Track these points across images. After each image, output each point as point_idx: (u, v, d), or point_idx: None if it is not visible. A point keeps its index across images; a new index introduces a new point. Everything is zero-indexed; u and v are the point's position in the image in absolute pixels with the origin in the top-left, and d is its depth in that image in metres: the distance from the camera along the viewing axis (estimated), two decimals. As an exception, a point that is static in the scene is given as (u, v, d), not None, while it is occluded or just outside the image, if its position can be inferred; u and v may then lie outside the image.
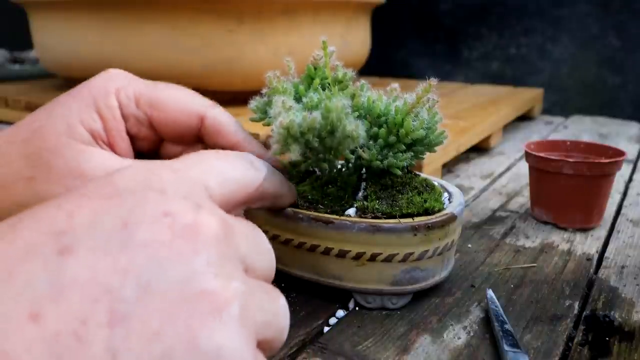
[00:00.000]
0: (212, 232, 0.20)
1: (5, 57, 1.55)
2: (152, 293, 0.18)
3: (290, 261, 0.40)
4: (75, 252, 0.17)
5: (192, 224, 0.20)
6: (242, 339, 0.19)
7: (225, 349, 0.18)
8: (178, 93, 0.36)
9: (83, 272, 0.17)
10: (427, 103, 0.37)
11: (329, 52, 0.40)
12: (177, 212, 0.20)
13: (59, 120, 0.32)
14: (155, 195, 0.20)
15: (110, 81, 0.35)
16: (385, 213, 0.37)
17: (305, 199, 0.39)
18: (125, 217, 0.19)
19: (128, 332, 0.17)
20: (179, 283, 0.18)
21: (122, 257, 0.18)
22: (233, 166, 0.27)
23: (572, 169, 0.52)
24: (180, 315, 0.18)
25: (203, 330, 0.18)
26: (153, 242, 0.18)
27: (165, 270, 0.18)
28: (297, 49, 0.87)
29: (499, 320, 0.36)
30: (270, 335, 0.21)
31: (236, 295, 0.19)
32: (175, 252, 0.19)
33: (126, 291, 0.17)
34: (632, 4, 1.15)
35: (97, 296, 0.17)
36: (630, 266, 0.47)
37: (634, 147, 0.91)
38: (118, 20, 0.88)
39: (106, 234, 0.18)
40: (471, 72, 1.36)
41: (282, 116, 0.34)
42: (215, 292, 0.18)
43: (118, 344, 0.16)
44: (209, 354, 0.18)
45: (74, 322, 0.16)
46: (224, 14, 0.82)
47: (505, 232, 0.54)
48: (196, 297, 0.18)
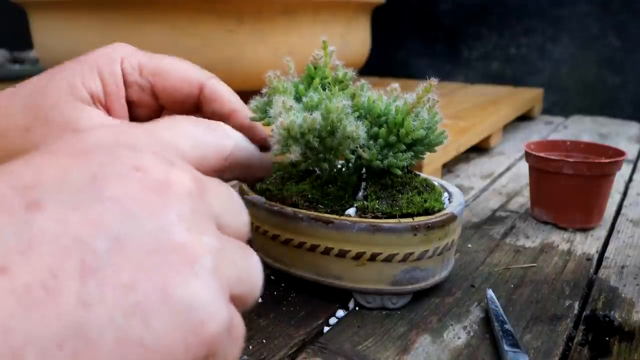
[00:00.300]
0: (183, 187, 0.20)
1: (5, 57, 1.55)
2: (123, 246, 0.17)
3: (290, 261, 0.40)
4: (43, 207, 0.17)
5: (163, 179, 0.19)
6: (214, 290, 0.19)
7: (198, 299, 0.18)
8: (180, 63, 0.38)
9: (52, 225, 0.17)
10: (428, 103, 0.37)
11: (329, 51, 0.40)
12: (148, 167, 0.19)
13: (62, 80, 0.34)
14: (126, 151, 0.20)
15: (115, 51, 0.37)
16: (385, 213, 0.37)
17: (305, 198, 0.39)
18: (95, 172, 0.19)
19: (100, 284, 0.16)
20: (150, 236, 0.18)
21: (92, 211, 0.17)
22: (205, 131, 0.27)
23: (572, 169, 0.52)
24: (153, 267, 0.17)
25: (176, 281, 0.18)
26: (123, 197, 0.18)
27: (136, 224, 0.18)
28: (297, 49, 0.87)
29: (499, 320, 0.36)
30: (243, 290, 0.21)
31: (208, 249, 0.19)
32: (146, 207, 0.18)
33: (97, 244, 0.17)
34: (632, 4, 1.15)
35: (68, 249, 0.16)
36: (630, 266, 0.47)
37: (634, 147, 0.91)
38: (118, 20, 0.88)
39: (75, 189, 0.18)
40: (471, 72, 1.36)
41: (282, 117, 0.34)
42: (187, 245, 0.18)
43: (90, 295, 0.16)
44: (182, 304, 0.18)
45: (43, 275, 0.16)
46: (224, 14, 0.82)
47: (505, 232, 0.54)
48: (168, 250, 0.18)
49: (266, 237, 0.40)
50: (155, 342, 0.17)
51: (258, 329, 0.37)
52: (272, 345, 0.35)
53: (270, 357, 0.33)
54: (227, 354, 0.20)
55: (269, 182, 0.42)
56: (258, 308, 0.39)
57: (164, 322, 0.17)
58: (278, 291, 0.42)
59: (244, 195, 0.42)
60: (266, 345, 0.35)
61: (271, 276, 0.44)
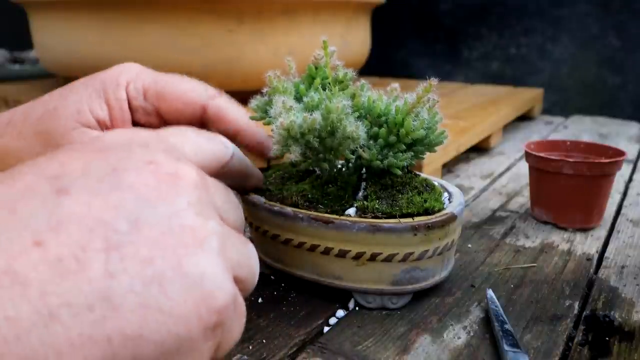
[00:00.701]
0: (191, 179, 0.22)
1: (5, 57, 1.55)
2: (141, 226, 0.20)
3: (290, 261, 0.40)
4: (70, 192, 0.20)
5: (173, 171, 0.22)
6: (222, 267, 0.21)
7: (208, 273, 0.20)
8: (183, 85, 0.38)
9: (78, 208, 0.19)
10: (428, 103, 0.37)
11: (330, 52, 0.40)
12: (160, 161, 0.22)
13: (71, 105, 0.36)
14: (140, 148, 0.23)
15: (122, 74, 0.37)
16: (385, 213, 0.37)
17: (305, 198, 0.39)
18: (113, 165, 0.21)
19: (122, 257, 0.19)
20: (164, 219, 0.20)
21: (113, 197, 0.20)
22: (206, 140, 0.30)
23: (572, 169, 0.52)
24: (167, 244, 0.20)
25: (188, 257, 0.20)
26: (140, 185, 0.21)
27: (151, 208, 0.20)
28: (297, 49, 0.87)
29: (499, 320, 0.36)
30: (243, 274, 0.23)
31: (214, 232, 0.22)
32: (160, 194, 0.21)
33: (118, 224, 0.19)
34: (632, 4, 1.15)
35: (93, 227, 0.19)
36: (630, 266, 0.47)
37: (634, 147, 0.91)
38: (118, 20, 0.88)
39: (97, 178, 0.20)
40: (471, 72, 1.36)
41: (282, 117, 0.34)
42: (196, 227, 0.21)
43: (115, 266, 0.18)
44: (194, 276, 0.20)
45: (73, 248, 0.18)
46: (224, 14, 0.82)
47: (505, 232, 0.54)
48: (180, 231, 0.20)
49: (266, 237, 0.40)
50: (171, 308, 0.19)
51: (258, 329, 0.37)
52: (272, 345, 0.35)
53: (270, 357, 0.33)
54: (233, 327, 0.22)
55: (269, 182, 0.42)
56: (258, 308, 0.39)
57: (179, 291, 0.19)
58: (278, 291, 0.42)
59: (244, 195, 0.42)
60: (266, 345, 0.35)
61: (271, 276, 0.44)
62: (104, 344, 0.18)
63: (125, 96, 0.37)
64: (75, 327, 0.17)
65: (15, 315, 0.17)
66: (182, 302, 0.20)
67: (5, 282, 0.17)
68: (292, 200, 0.39)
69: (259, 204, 0.40)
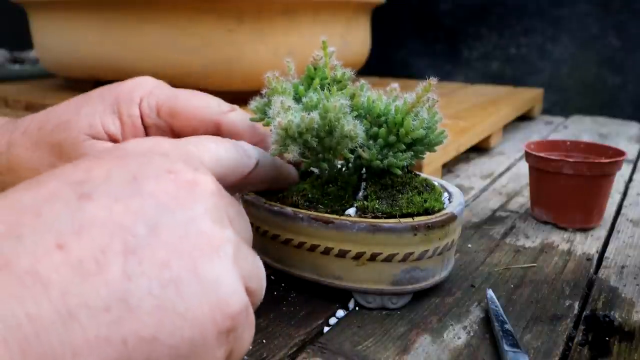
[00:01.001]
0: (208, 187, 0.23)
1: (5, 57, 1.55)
2: (159, 231, 0.20)
3: (290, 261, 0.40)
4: (92, 198, 0.20)
5: (191, 179, 0.23)
6: (236, 275, 0.22)
7: (223, 279, 0.21)
8: (196, 101, 0.38)
9: (100, 213, 0.20)
10: (427, 102, 0.37)
11: (329, 52, 0.40)
12: (179, 170, 0.23)
13: (83, 118, 0.36)
14: (160, 157, 0.24)
15: (136, 90, 0.37)
16: (385, 213, 0.37)
17: (305, 198, 0.39)
18: (134, 172, 0.22)
19: (140, 261, 0.19)
20: (182, 224, 0.21)
21: (133, 203, 0.21)
22: (226, 150, 0.30)
23: (572, 169, 0.52)
24: (184, 249, 0.21)
25: (204, 261, 0.21)
26: (159, 192, 0.22)
27: (170, 214, 0.21)
28: (297, 49, 0.87)
29: (499, 320, 0.36)
30: (254, 285, 0.24)
31: (229, 240, 0.22)
32: (178, 201, 0.22)
33: (137, 228, 0.20)
34: (632, 4, 1.15)
35: (113, 231, 0.20)
36: (630, 266, 0.47)
37: (634, 147, 0.91)
38: (118, 21, 0.88)
39: (119, 185, 0.21)
40: (471, 72, 1.36)
41: (280, 116, 0.34)
42: (212, 234, 0.22)
43: (133, 269, 0.19)
44: (210, 281, 0.21)
45: (94, 251, 0.19)
46: (224, 14, 0.82)
47: (505, 232, 0.54)
48: (197, 236, 0.21)
49: (266, 237, 0.40)
50: (187, 311, 0.20)
51: (258, 329, 0.37)
52: (272, 345, 0.35)
53: (270, 357, 0.33)
54: (245, 335, 0.23)
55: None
56: (258, 308, 0.39)
57: (195, 295, 0.20)
58: (278, 291, 0.42)
59: (244, 195, 0.42)
60: (266, 345, 0.35)
61: (271, 276, 0.44)
62: (119, 346, 0.18)
63: (138, 113, 0.37)
64: (92, 327, 0.18)
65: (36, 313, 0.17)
66: (197, 306, 0.20)
67: (28, 282, 0.17)
68: (292, 200, 0.39)
69: (259, 204, 0.40)
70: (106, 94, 0.37)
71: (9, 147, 0.37)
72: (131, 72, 0.38)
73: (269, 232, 0.40)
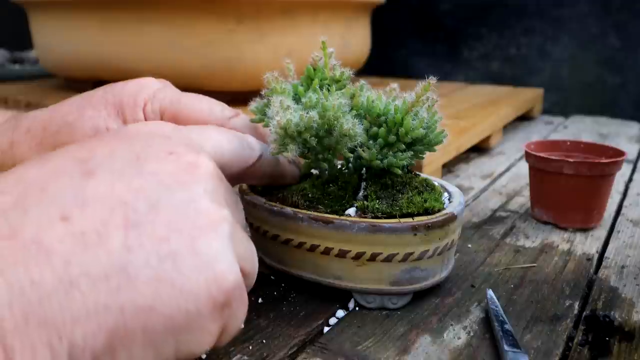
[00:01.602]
0: (209, 169, 0.24)
1: (5, 57, 1.55)
2: (159, 208, 0.21)
3: (290, 261, 0.40)
4: (96, 175, 0.21)
5: (192, 161, 0.24)
6: (232, 252, 0.22)
7: (220, 254, 0.22)
8: (200, 105, 0.38)
9: (103, 189, 0.21)
10: (427, 102, 0.37)
11: (328, 52, 0.40)
12: (180, 152, 0.24)
13: (87, 120, 0.36)
14: (162, 139, 0.25)
15: (140, 93, 0.37)
16: (385, 213, 0.37)
17: (305, 198, 0.39)
18: (137, 152, 0.23)
19: (140, 234, 0.20)
20: (181, 203, 0.22)
21: (135, 181, 0.22)
22: (229, 141, 0.31)
23: (572, 169, 0.52)
24: (183, 226, 0.21)
25: (202, 237, 0.22)
26: (160, 172, 0.22)
27: (170, 193, 0.22)
28: (296, 49, 0.87)
29: (499, 320, 0.36)
30: (247, 267, 0.25)
31: (226, 219, 0.23)
32: (179, 181, 0.23)
33: (138, 205, 0.21)
34: (632, 4, 1.15)
35: (115, 206, 0.21)
36: (630, 266, 0.47)
37: (634, 147, 0.91)
38: (118, 21, 0.88)
39: (122, 164, 0.22)
40: (471, 72, 1.36)
41: (279, 116, 0.34)
42: (211, 212, 0.22)
43: (132, 242, 0.20)
44: (207, 256, 0.21)
45: (96, 223, 0.20)
46: (224, 14, 0.82)
47: (505, 232, 0.54)
48: (195, 215, 0.22)
49: (266, 237, 0.40)
50: (183, 284, 0.20)
51: (258, 329, 0.37)
52: (272, 345, 0.35)
53: (270, 357, 0.33)
54: (238, 312, 0.23)
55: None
56: (258, 308, 0.39)
57: (192, 269, 0.21)
58: (278, 291, 0.42)
59: (244, 195, 0.42)
60: (266, 345, 0.35)
61: (271, 276, 0.44)
62: (116, 313, 0.19)
63: (142, 117, 0.37)
64: (91, 295, 0.19)
65: (39, 280, 0.18)
66: (194, 279, 0.21)
67: (33, 251, 0.18)
68: (292, 200, 0.39)
69: (259, 204, 0.40)
70: (110, 96, 0.37)
71: (12, 147, 0.37)
72: (131, 72, 0.38)
73: (269, 232, 0.40)
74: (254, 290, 0.41)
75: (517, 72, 1.31)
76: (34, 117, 0.38)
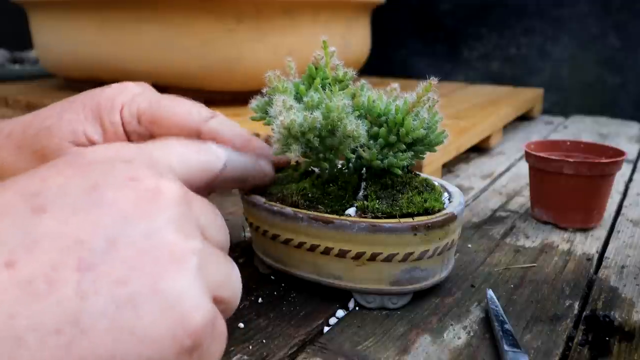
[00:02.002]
0: (173, 195, 0.22)
1: (5, 57, 1.55)
2: (118, 245, 0.19)
3: (290, 261, 0.40)
4: (47, 210, 0.19)
5: (154, 187, 0.22)
6: (200, 288, 0.20)
7: (185, 293, 0.20)
8: (177, 108, 0.37)
9: (54, 226, 0.19)
10: (428, 102, 0.37)
11: (330, 52, 0.40)
12: (142, 177, 0.22)
13: (65, 124, 0.35)
14: (122, 164, 0.22)
15: (118, 97, 0.37)
16: (385, 213, 0.37)
17: (305, 197, 0.39)
18: (93, 181, 0.21)
19: (96, 278, 0.18)
20: (142, 237, 0.20)
21: (91, 215, 0.20)
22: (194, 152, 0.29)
23: (572, 169, 0.52)
24: (144, 264, 0.19)
25: (165, 277, 0.20)
26: (119, 202, 0.20)
27: (130, 226, 0.20)
28: (296, 48, 0.87)
29: (499, 320, 0.36)
30: (225, 294, 0.23)
31: (194, 251, 0.21)
32: (140, 211, 0.20)
33: (94, 243, 0.19)
34: (632, 4, 1.15)
35: (68, 246, 0.19)
36: (630, 266, 0.47)
37: (634, 147, 0.91)
38: (117, 21, 0.88)
39: (76, 196, 0.20)
40: (471, 72, 1.36)
41: (282, 116, 0.34)
42: (175, 246, 0.20)
43: (87, 287, 0.18)
44: (170, 297, 0.19)
45: (45, 268, 0.18)
46: (223, 14, 0.82)
47: (505, 232, 0.54)
48: (158, 249, 0.20)
49: (266, 237, 0.40)
50: (144, 331, 0.19)
51: (258, 329, 0.37)
52: (272, 345, 0.35)
53: (270, 357, 0.33)
54: (212, 350, 0.22)
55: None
56: (258, 308, 0.39)
57: (153, 313, 0.19)
58: (278, 291, 0.42)
59: (244, 195, 0.42)
60: (266, 345, 0.35)
61: (271, 276, 0.44)
62: None
63: (119, 120, 0.36)
64: (40, 351, 0.17)
65: None
66: (156, 324, 0.19)
67: None
68: (292, 200, 0.39)
69: (259, 204, 0.40)
70: (88, 100, 0.37)
71: None
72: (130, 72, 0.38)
73: (268, 232, 0.40)
74: (254, 290, 0.42)
75: (517, 72, 1.31)
76: (16, 121, 0.37)
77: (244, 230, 0.52)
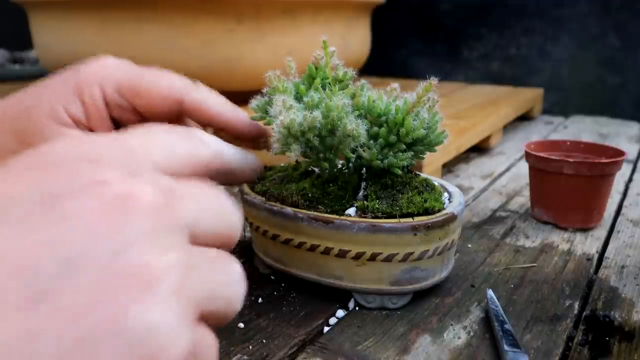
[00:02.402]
0: (146, 201, 0.18)
1: (5, 57, 1.55)
2: (76, 268, 0.16)
3: (290, 261, 0.40)
4: None
5: (124, 193, 0.18)
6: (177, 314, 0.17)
7: (156, 327, 0.16)
8: (161, 79, 0.36)
9: None
10: (428, 102, 0.37)
11: (330, 52, 0.40)
12: (109, 180, 0.18)
13: (45, 103, 0.34)
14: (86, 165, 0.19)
15: (97, 71, 0.36)
16: (385, 213, 0.37)
17: (305, 197, 0.39)
18: (51, 189, 0.17)
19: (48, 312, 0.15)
20: (107, 257, 0.16)
21: (44, 232, 0.16)
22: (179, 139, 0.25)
23: (572, 169, 0.52)
24: (107, 292, 0.16)
25: (131, 307, 0.16)
26: (80, 214, 0.17)
27: (92, 243, 0.16)
28: (296, 48, 0.87)
29: (499, 320, 0.36)
30: (218, 306, 0.20)
31: (171, 268, 0.17)
32: (104, 224, 0.17)
33: (47, 267, 0.16)
34: (632, 4, 1.15)
35: (14, 273, 0.15)
36: (630, 266, 0.47)
37: (634, 147, 0.91)
38: (117, 20, 0.88)
39: (27, 208, 0.17)
40: (471, 72, 1.36)
41: (282, 115, 0.34)
42: (148, 265, 0.17)
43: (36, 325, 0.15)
44: (137, 333, 0.16)
45: None
46: (223, 14, 0.82)
47: (505, 232, 0.54)
48: (125, 272, 0.16)
49: (266, 237, 0.40)
50: None
51: (258, 329, 0.37)
52: (272, 345, 0.35)
53: (270, 357, 0.33)
54: None
55: (269, 183, 0.42)
56: (258, 308, 0.39)
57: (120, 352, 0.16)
58: (278, 291, 0.42)
59: (244, 195, 0.42)
60: (266, 345, 0.35)
61: (271, 276, 0.44)
62: None
63: (100, 93, 0.35)
64: None
65: None
66: None
67: None
68: (292, 200, 0.39)
69: (259, 204, 0.40)
70: (66, 77, 0.36)
71: None
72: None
73: (269, 232, 0.40)
74: (254, 290, 0.42)
75: (517, 72, 1.31)
76: None
77: (244, 230, 0.52)
